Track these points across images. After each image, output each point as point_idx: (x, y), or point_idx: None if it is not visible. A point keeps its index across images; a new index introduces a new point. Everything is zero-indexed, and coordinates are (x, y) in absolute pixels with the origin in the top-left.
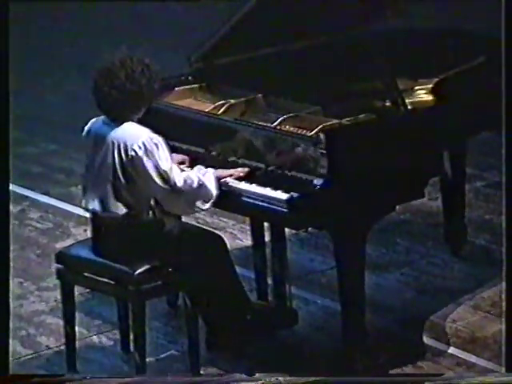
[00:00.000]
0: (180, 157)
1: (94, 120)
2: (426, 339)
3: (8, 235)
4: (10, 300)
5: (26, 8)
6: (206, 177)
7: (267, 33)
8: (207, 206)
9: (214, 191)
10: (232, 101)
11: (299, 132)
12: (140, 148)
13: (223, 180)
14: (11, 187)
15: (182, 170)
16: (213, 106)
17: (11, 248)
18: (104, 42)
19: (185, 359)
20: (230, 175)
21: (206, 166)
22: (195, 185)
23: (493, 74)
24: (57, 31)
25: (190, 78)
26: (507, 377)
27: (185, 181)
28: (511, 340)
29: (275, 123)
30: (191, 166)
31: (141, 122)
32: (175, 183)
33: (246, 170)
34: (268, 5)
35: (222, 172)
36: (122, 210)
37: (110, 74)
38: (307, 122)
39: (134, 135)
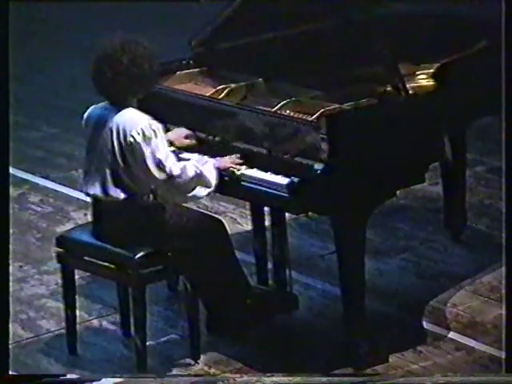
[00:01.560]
0: (183, 131)
1: (93, 107)
2: (425, 324)
3: (8, 220)
4: (10, 302)
5: None
6: (206, 167)
7: (268, 17)
8: (204, 193)
9: (213, 181)
10: (233, 85)
11: (300, 117)
12: (138, 134)
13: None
14: (12, 171)
15: (180, 159)
16: (213, 91)
17: (11, 231)
18: (105, 27)
19: (185, 343)
20: (230, 167)
21: (207, 151)
22: (192, 174)
23: (494, 59)
24: (58, 16)
25: (190, 62)
26: (507, 377)
27: (181, 170)
28: (511, 340)
29: (276, 108)
30: (197, 145)
31: (142, 106)
32: (171, 172)
33: (240, 161)
34: None
35: (221, 163)
36: (121, 194)
37: (113, 59)
38: (308, 106)
39: (133, 121)
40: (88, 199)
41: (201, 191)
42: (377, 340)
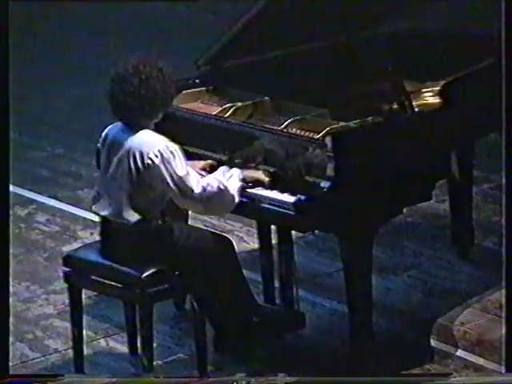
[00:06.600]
0: (201, 164)
1: (110, 126)
2: (433, 342)
3: (8, 236)
4: (10, 299)
5: (31, 12)
6: (230, 182)
7: (274, 36)
8: (229, 207)
9: (237, 197)
10: (239, 104)
11: (306, 135)
12: (156, 156)
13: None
14: (19, 191)
15: (202, 176)
16: (220, 109)
17: (18, 251)
18: (109, 46)
19: (192, 362)
20: (257, 180)
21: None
22: (215, 190)
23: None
24: (62, 36)
25: (197, 81)
26: (507, 377)
27: (203, 188)
28: (511, 340)
29: (282, 126)
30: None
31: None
32: (192, 190)
33: (267, 178)
34: (275, 8)
35: (248, 174)
36: (134, 217)
37: (124, 81)
38: (314, 124)
39: (150, 143)
40: (96, 218)
41: (227, 206)
42: (384, 358)
